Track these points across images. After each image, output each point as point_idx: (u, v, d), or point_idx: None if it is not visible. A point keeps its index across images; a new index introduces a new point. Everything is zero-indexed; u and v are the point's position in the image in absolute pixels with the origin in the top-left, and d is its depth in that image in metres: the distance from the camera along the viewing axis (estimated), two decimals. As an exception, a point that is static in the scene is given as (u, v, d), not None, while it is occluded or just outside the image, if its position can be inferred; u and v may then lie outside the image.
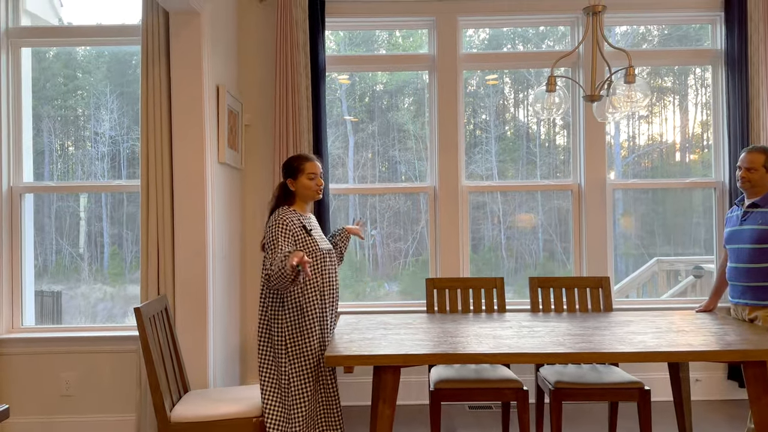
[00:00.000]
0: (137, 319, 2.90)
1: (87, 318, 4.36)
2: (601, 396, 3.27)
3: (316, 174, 3.02)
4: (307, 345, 2.91)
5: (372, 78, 4.78)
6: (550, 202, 4.61)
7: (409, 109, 4.69)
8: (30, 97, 4.21)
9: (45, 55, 4.40)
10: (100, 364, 3.98)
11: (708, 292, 4.93)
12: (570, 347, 2.71)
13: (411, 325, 3.34)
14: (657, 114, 4.83)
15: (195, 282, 3.59)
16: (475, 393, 3.26)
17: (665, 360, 2.65)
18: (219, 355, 3.78)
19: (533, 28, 4.79)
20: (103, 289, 4.37)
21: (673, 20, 4.61)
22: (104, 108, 4.31)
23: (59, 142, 4.36)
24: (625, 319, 3.45)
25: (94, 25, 4.14)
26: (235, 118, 4.10)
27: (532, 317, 3.56)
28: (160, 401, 2.91)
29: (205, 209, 3.61)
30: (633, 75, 2.82)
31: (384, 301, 4.63)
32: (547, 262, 4.67)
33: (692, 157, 4.83)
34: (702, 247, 4.78)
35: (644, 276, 5.42)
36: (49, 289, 4.36)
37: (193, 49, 3.58)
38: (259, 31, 4.41)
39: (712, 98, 4.57)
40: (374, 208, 4.63)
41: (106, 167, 4.28)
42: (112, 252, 4.35)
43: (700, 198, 4.68)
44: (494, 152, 4.65)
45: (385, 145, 4.63)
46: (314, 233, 3.00)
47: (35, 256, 4.25)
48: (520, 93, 4.86)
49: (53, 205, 4.30)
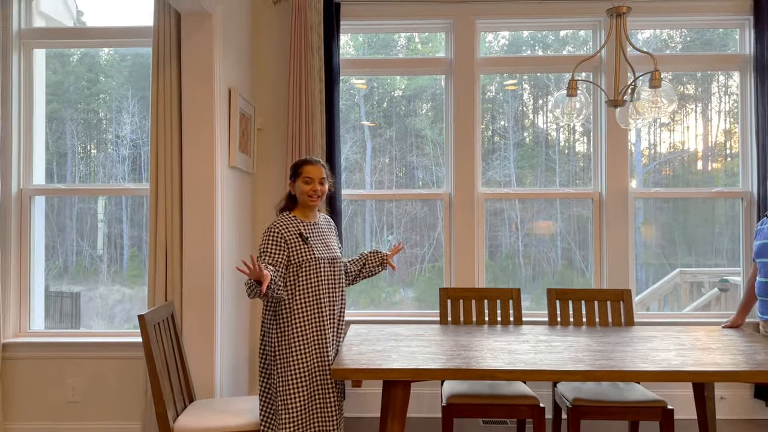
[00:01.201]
0: (141, 326, 2.82)
1: (104, 319, 4.37)
2: (622, 415, 3.13)
3: (312, 179, 2.88)
4: (298, 357, 2.77)
5: (390, 84, 4.69)
6: (569, 210, 4.48)
7: (428, 114, 4.61)
8: (43, 99, 4.19)
9: (69, 59, 4.44)
10: (108, 371, 3.92)
11: (734, 306, 4.77)
12: (589, 364, 2.59)
13: (423, 336, 3.23)
14: (679, 122, 4.67)
15: (203, 288, 3.51)
16: (489, 409, 3.14)
17: (690, 380, 2.52)
18: (226, 364, 3.70)
19: (553, 34, 4.67)
20: (121, 290, 4.39)
21: (699, 24, 4.46)
22: (126, 111, 4.34)
23: (82, 144, 4.40)
24: (647, 334, 3.31)
25: (105, 26, 4.10)
26: (247, 122, 4.02)
27: (549, 331, 3.43)
28: (163, 411, 2.82)
29: (215, 214, 3.53)
30: (659, 79, 2.69)
31: (398, 310, 4.52)
32: (566, 270, 4.54)
33: (715, 166, 4.67)
34: (724, 258, 4.61)
35: (666, 287, 5.25)
36: (68, 290, 4.36)
37: (205, 51, 3.52)
38: (272, 34, 4.33)
39: (740, 105, 4.40)
40: (391, 213, 4.55)
41: (127, 170, 4.29)
42: (132, 254, 4.34)
43: (723, 208, 4.51)
44: (512, 159, 4.54)
45: (403, 150, 4.55)
46: (313, 240, 2.87)
47: (56, 257, 4.28)
48: (540, 99, 4.74)
49: (74, 207, 4.33)
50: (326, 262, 2.87)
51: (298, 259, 2.80)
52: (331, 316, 2.88)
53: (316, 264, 2.82)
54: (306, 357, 2.78)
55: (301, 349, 2.78)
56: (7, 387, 3.91)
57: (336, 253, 2.96)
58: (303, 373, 2.78)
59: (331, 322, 2.87)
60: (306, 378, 2.78)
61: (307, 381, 2.78)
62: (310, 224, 2.92)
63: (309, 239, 2.85)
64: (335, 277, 2.92)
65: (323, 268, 2.85)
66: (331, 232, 3.05)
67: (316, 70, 4.08)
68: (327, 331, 2.84)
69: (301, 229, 2.86)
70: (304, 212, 2.95)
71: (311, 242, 2.85)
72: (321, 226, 2.98)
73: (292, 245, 2.81)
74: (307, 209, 2.95)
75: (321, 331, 2.82)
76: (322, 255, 2.86)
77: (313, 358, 2.80)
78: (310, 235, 2.88)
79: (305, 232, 2.87)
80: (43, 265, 4.17)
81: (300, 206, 2.94)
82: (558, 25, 4.46)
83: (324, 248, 2.90)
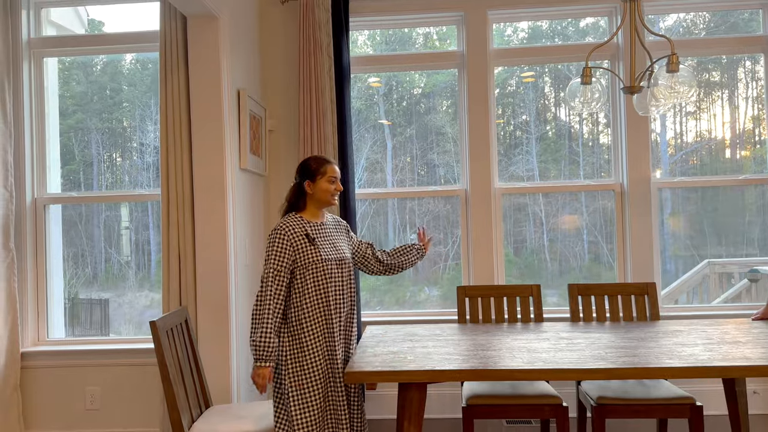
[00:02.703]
0: (153, 333, 2.80)
1: (133, 325, 4.42)
2: (649, 413, 3.02)
3: (336, 178, 2.87)
4: (308, 361, 2.72)
5: (409, 82, 4.63)
6: (595, 203, 4.37)
7: (447, 111, 4.53)
8: (56, 107, 4.21)
9: (92, 69, 4.50)
10: (126, 377, 3.91)
11: (765, 297, 4.61)
12: (612, 362, 2.49)
13: (440, 336, 3.15)
14: (705, 109, 4.51)
15: (217, 293, 3.48)
16: (511, 410, 3.05)
17: (718, 376, 2.41)
18: (243, 369, 3.66)
19: (573, 24, 4.54)
20: (149, 296, 4.43)
21: (720, 6, 4.30)
22: (149, 119, 4.39)
23: (107, 153, 4.48)
24: (673, 329, 3.19)
25: (114, 32, 4.10)
26: (258, 124, 3.99)
27: (571, 327, 3.33)
28: (177, 417, 2.79)
29: (227, 217, 3.49)
30: (676, 63, 2.58)
31: (423, 309, 4.44)
32: (593, 264, 4.42)
33: (743, 154, 4.50)
34: (756, 248, 4.45)
35: (694, 279, 5.09)
36: (97, 296, 4.41)
37: (212, 53, 3.48)
38: (281, 34, 4.29)
39: (766, 88, 4.24)
40: (413, 211, 4.48)
41: (152, 177, 4.33)
42: (159, 259, 4.37)
43: (753, 196, 4.35)
44: (535, 153, 4.43)
45: (423, 148, 4.48)
46: (320, 241, 2.80)
47: (85, 264, 4.34)
48: (561, 92, 4.61)
49: (101, 215, 4.39)
50: (334, 263, 2.81)
51: (305, 260, 2.75)
52: (339, 317, 2.81)
53: (323, 265, 2.76)
54: (316, 359, 2.73)
55: (311, 351, 2.73)
56: (28, 396, 3.92)
57: (344, 254, 2.88)
58: (315, 376, 2.73)
59: (338, 323, 2.80)
60: (318, 380, 2.73)
61: (319, 383, 2.73)
62: (317, 225, 2.86)
63: (316, 240, 2.79)
64: (343, 278, 2.85)
65: (331, 269, 2.79)
66: (339, 232, 2.98)
67: (326, 68, 4.02)
68: (335, 332, 2.78)
69: (307, 229, 2.81)
70: (314, 212, 2.89)
71: (318, 243, 2.79)
72: (328, 227, 2.92)
73: (298, 247, 2.75)
74: (319, 210, 2.90)
75: (330, 334, 2.77)
76: (329, 256, 2.80)
77: (323, 361, 2.75)
78: (317, 236, 2.82)
79: (312, 232, 2.81)
80: (62, 273, 4.19)
81: (312, 206, 2.88)
82: (571, 14, 4.34)
83: (331, 249, 2.84)
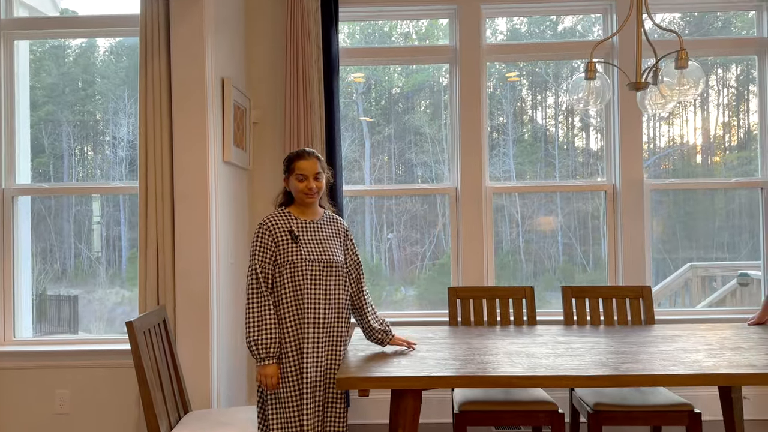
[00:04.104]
0: (129, 334, 2.62)
1: (103, 322, 4.25)
2: (647, 420, 2.93)
3: (305, 175, 2.64)
4: (282, 362, 2.58)
5: (388, 81, 4.50)
6: (570, 206, 4.30)
7: (426, 111, 4.42)
8: (27, 94, 4.00)
9: (64, 60, 4.28)
10: (98, 380, 3.71)
11: (750, 302, 4.58)
12: (616, 368, 2.38)
13: (432, 339, 3.02)
14: (677, 115, 4.45)
15: (197, 292, 3.30)
16: (505, 416, 2.94)
17: (726, 383, 2.32)
18: (224, 372, 3.49)
19: (551, 28, 4.45)
20: (120, 293, 4.28)
21: (713, 7, 4.25)
22: (122, 112, 4.24)
23: (78, 147, 4.31)
24: (670, 333, 3.11)
25: (90, 15, 3.89)
26: (242, 114, 3.81)
27: (566, 331, 3.23)
28: (154, 423, 2.62)
29: (209, 212, 3.32)
30: (685, 59, 2.49)
31: (399, 310, 4.32)
32: (566, 265, 4.36)
33: (714, 160, 4.46)
34: (734, 251, 4.43)
35: (677, 283, 5.05)
36: (66, 293, 4.24)
37: (196, 38, 3.30)
38: (267, 22, 4.12)
39: (758, 91, 4.20)
40: (391, 211, 4.37)
41: (125, 171, 4.19)
42: (130, 256, 4.20)
43: (723, 200, 4.32)
44: (512, 154, 4.34)
45: (401, 148, 4.37)
46: (305, 239, 2.63)
47: (53, 260, 4.15)
48: (538, 95, 4.54)
49: (72, 209, 4.21)
50: (316, 265, 2.62)
51: (284, 258, 2.59)
52: (314, 322, 2.59)
53: (302, 265, 2.59)
54: (289, 360, 2.58)
55: (286, 355, 2.58)
56: (-8, 398, 3.70)
57: (333, 257, 2.66)
58: (289, 377, 2.57)
59: (314, 329, 2.59)
60: (292, 382, 2.57)
61: (294, 385, 2.57)
62: (306, 222, 2.69)
63: (299, 238, 2.63)
64: (327, 282, 2.64)
65: (309, 270, 2.60)
66: (334, 233, 2.76)
67: (314, 59, 3.87)
68: (306, 338, 2.58)
69: (293, 226, 2.64)
70: (302, 209, 2.73)
71: (302, 241, 2.63)
72: (321, 226, 2.73)
73: (280, 243, 2.60)
74: (305, 206, 2.73)
75: (300, 339, 2.59)
76: (311, 256, 2.61)
77: (295, 363, 2.58)
78: (303, 234, 2.65)
79: (297, 230, 2.65)
80: (30, 269, 3.98)
81: (297, 203, 2.73)
82: (566, 10, 4.25)
83: (317, 249, 2.64)
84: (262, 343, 2.52)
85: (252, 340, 2.53)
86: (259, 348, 2.52)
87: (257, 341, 2.52)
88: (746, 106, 4.46)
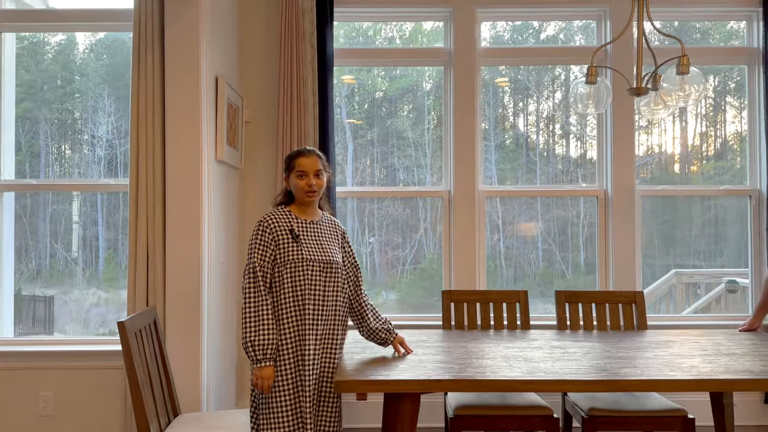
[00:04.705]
0: (121, 334, 2.55)
1: (79, 324, 4.15)
2: (640, 425, 2.93)
3: (306, 172, 2.61)
4: (279, 365, 2.53)
5: (372, 85, 4.47)
6: (550, 212, 4.31)
7: (409, 116, 4.41)
8: (12, 88, 3.91)
9: (43, 57, 4.19)
10: (83, 381, 3.61)
11: (737, 308, 4.63)
12: (615, 373, 2.38)
13: (427, 343, 3.00)
14: (656, 124, 4.49)
15: (188, 293, 3.23)
16: (500, 421, 2.92)
17: (727, 389, 2.34)
18: (213, 375, 3.42)
19: (533, 36, 4.46)
20: (97, 293, 4.18)
21: (705, 16, 4.30)
22: (102, 111, 4.15)
23: (56, 145, 4.22)
24: (664, 339, 3.12)
25: (81, 8, 3.80)
26: (235, 113, 3.76)
27: (560, 336, 3.23)
28: (146, 428, 2.56)
29: (201, 211, 3.26)
30: (687, 65, 2.50)
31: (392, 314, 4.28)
32: (546, 271, 4.38)
33: (692, 169, 4.51)
34: (714, 259, 4.48)
35: (662, 289, 5.09)
36: (42, 293, 4.15)
37: (191, 35, 3.25)
38: (262, 19, 4.07)
39: (747, 100, 4.25)
40: (372, 215, 4.34)
41: (103, 170, 4.10)
42: (108, 256, 4.10)
43: (712, 208, 4.37)
44: (494, 160, 4.35)
45: (384, 152, 4.36)
46: (306, 239, 2.60)
47: (29, 259, 4.06)
48: (520, 102, 4.55)
49: (48, 208, 4.11)
50: (317, 265, 2.58)
51: (284, 257, 2.55)
52: (315, 324, 2.56)
53: (303, 265, 2.55)
54: (287, 363, 2.53)
55: (283, 357, 2.53)
56: (-28, 400, 3.59)
57: (332, 258, 2.64)
58: (285, 381, 2.53)
59: (314, 330, 2.56)
60: (288, 386, 2.53)
61: (290, 389, 2.53)
62: (307, 222, 2.66)
63: (300, 237, 2.59)
64: (326, 283, 2.60)
65: (311, 270, 2.57)
66: (333, 235, 2.73)
67: (309, 59, 3.84)
68: (308, 340, 2.54)
69: (293, 225, 2.61)
70: (302, 209, 2.69)
71: (302, 241, 2.59)
72: (321, 227, 2.70)
73: (280, 241, 2.56)
74: (306, 206, 2.70)
75: (301, 340, 2.55)
76: (312, 256, 2.58)
77: (293, 367, 2.54)
78: (303, 233, 2.61)
79: (297, 229, 2.61)
80: (13, 267, 3.87)
81: (297, 202, 2.70)
82: (561, 15, 4.27)
83: (318, 250, 2.61)
84: (259, 345, 2.47)
85: (249, 341, 2.48)
86: (256, 349, 2.47)
87: (254, 342, 2.48)
88: (723, 116, 4.52)
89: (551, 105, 4.54)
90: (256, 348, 2.47)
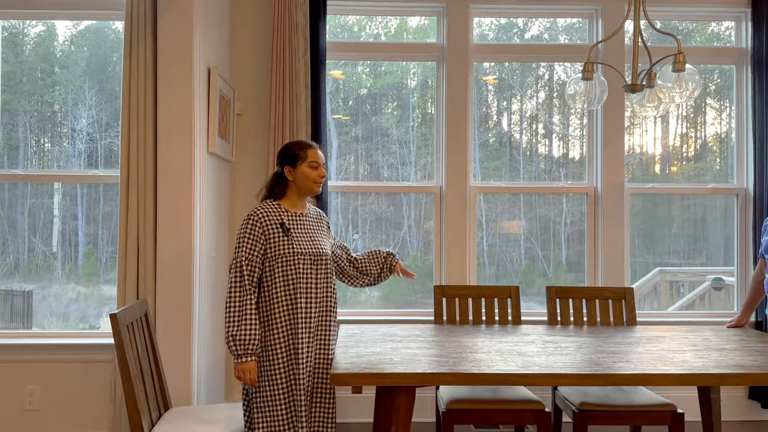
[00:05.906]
0: (114, 327, 2.52)
1: (59, 319, 4.08)
2: (630, 420, 2.96)
3: (318, 163, 2.65)
4: (271, 359, 2.53)
5: (356, 82, 4.45)
6: (532, 211, 4.33)
7: (393, 113, 4.40)
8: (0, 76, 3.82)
9: (22, 48, 4.09)
10: (70, 375, 3.57)
11: (721, 305, 4.70)
12: (608, 367, 2.40)
13: (420, 337, 3.00)
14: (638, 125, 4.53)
15: (179, 286, 3.20)
16: (492, 414, 2.93)
17: (720, 383, 2.36)
18: (204, 369, 3.39)
19: (519, 36, 4.48)
20: (76, 289, 4.10)
21: (694, 16, 4.34)
22: (82, 104, 4.08)
23: (35, 138, 4.14)
24: (654, 334, 3.15)
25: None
26: (226, 105, 3.73)
27: (551, 330, 3.24)
28: (138, 421, 2.53)
29: (192, 204, 3.23)
30: (683, 62, 2.52)
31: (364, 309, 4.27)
32: (528, 269, 4.41)
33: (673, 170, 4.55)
34: (696, 257, 4.53)
35: (647, 287, 5.15)
36: (20, 288, 4.07)
37: (184, 24, 3.21)
38: (253, 12, 4.04)
39: (735, 100, 4.31)
40: (356, 212, 4.33)
41: (83, 164, 4.03)
42: (87, 251, 4.03)
43: (691, 207, 4.42)
44: (478, 158, 4.35)
45: (368, 149, 4.35)
46: (297, 233, 2.60)
47: (6, 254, 3.98)
48: (504, 101, 4.56)
49: (27, 201, 4.03)
50: (307, 258, 2.59)
51: (276, 251, 2.54)
52: (308, 317, 2.57)
53: (294, 259, 2.55)
54: (280, 358, 2.53)
55: (274, 349, 2.53)
56: (-44, 394, 3.53)
57: (322, 249, 2.66)
58: (278, 376, 2.52)
59: (307, 324, 2.56)
60: (281, 380, 2.53)
61: (283, 383, 2.53)
62: (296, 215, 2.65)
63: (291, 231, 2.58)
64: (317, 275, 2.61)
65: (302, 263, 2.57)
66: (320, 226, 2.76)
67: (301, 51, 3.81)
68: (300, 333, 2.54)
69: (284, 219, 2.60)
70: (294, 202, 2.68)
71: (293, 234, 2.58)
72: (309, 219, 2.70)
73: (270, 236, 2.55)
74: (301, 198, 2.69)
75: (293, 333, 2.55)
76: (303, 249, 2.58)
77: (286, 360, 2.54)
78: (294, 227, 2.61)
79: (288, 223, 2.60)
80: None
81: (292, 193, 2.68)
82: (553, 13, 4.28)
83: (308, 242, 2.62)
84: (240, 340, 2.46)
85: (231, 335, 2.47)
86: (237, 344, 2.46)
87: (236, 337, 2.46)
88: (703, 118, 4.57)
89: (535, 104, 4.55)
90: (238, 343, 2.46)
